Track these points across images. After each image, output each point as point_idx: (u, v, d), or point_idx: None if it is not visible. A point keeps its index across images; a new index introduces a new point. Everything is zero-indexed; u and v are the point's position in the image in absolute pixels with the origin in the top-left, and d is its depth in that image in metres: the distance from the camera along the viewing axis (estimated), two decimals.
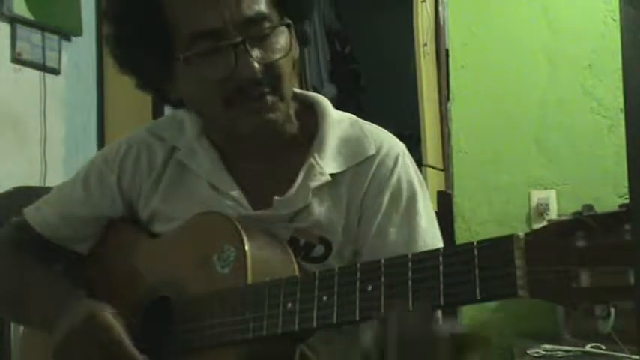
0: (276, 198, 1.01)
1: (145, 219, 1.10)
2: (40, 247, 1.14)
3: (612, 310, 0.64)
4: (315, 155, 1.03)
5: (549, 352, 1.91)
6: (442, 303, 0.72)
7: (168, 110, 1.19)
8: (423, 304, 0.73)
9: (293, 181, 1.02)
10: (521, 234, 0.69)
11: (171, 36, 0.96)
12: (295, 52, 1.03)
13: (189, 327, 0.94)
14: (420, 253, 0.77)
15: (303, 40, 1.07)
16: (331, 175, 1.02)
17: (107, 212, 1.13)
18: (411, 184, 1.05)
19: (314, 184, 1.01)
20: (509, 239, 0.69)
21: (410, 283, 0.74)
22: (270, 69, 0.96)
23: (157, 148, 1.10)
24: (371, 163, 1.04)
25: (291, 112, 1.07)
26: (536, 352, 1.93)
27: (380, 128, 1.11)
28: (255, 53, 0.94)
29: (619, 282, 0.60)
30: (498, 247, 0.69)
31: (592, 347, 1.85)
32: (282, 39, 0.98)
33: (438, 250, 0.75)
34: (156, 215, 1.08)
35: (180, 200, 1.06)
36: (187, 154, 1.07)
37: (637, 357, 1.69)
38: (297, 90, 1.13)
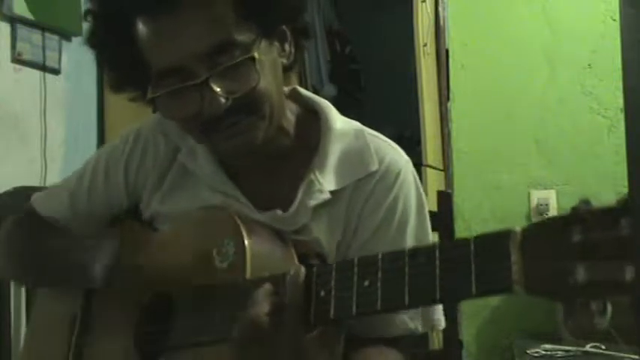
0: (278, 212, 1.00)
1: (146, 217, 1.10)
2: (49, 225, 1.15)
3: (609, 305, 0.64)
4: (316, 171, 1.01)
5: (549, 352, 1.92)
6: (438, 298, 0.72)
7: None
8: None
9: (293, 196, 1.00)
10: (518, 228, 0.68)
11: (145, 73, 0.94)
12: (284, 55, 0.99)
13: (189, 321, 0.94)
14: (417, 247, 0.76)
15: (304, 34, 1.02)
16: (331, 191, 1.01)
17: (115, 209, 1.13)
18: (406, 205, 1.03)
19: (313, 202, 1.00)
20: (505, 234, 0.68)
21: (406, 277, 0.74)
22: (243, 98, 0.90)
23: (163, 145, 1.09)
24: (372, 179, 1.02)
25: (291, 117, 1.05)
26: (536, 352, 1.94)
27: (387, 140, 1.08)
28: (224, 87, 0.89)
29: (616, 277, 0.60)
30: (495, 241, 0.69)
31: (592, 347, 1.85)
32: (252, 69, 0.90)
33: (434, 245, 0.75)
34: (157, 217, 1.09)
35: (181, 202, 1.06)
36: (188, 155, 1.06)
37: (637, 357, 1.69)
38: (302, 91, 1.11)
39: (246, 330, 0.81)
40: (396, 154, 1.06)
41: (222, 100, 0.89)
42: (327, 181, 1.01)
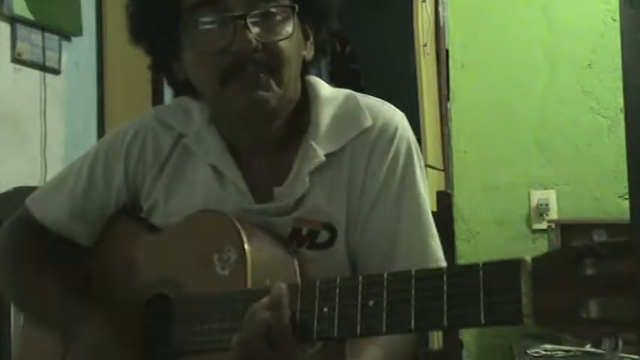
0: (276, 188, 1.00)
1: (145, 209, 1.10)
2: (44, 245, 1.14)
3: (620, 342, 0.62)
4: (310, 140, 1.01)
5: (549, 352, 1.91)
6: (446, 325, 0.71)
7: None
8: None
9: (290, 169, 1.01)
10: (528, 258, 0.66)
11: (178, 6, 0.96)
12: (306, 49, 1.02)
13: (187, 328, 0.94)
14: (424, 270, 0.75)
15: (321, 49, 1.06)
16: (329, 154, 1.01)
17: (114, 204, 1.12)
18: (408, 155, 1.04)
19: (309, 167, 1.00)
20: (515, 263, 0.67)
21: (413, 302, 0.73)
22: (269, 49, 0.94)
23: (163, 136, 1.09)
24: (369, 136, 1.03)
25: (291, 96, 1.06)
26: (536, 352, 1.93)
27: (379, 100, 1.08)
28: (255, 30, 0.93)
29: (629, 314, 0.58)
30: (504, 270, 0.67)
31: (592, 347, 1.85)
32: (287, 23, 0.96)
33: (441, 269, 0.73)
34: (156, 206, 1.08)
35: (181, 191, 1.06)
36: (194, 139, 1.06)
37: (637, 357, 1.69)
38: None
39: (244, 345, 0.81)
40: (390, 111, 1.07)
41: (254, 41, 0.92)
42: (321, 147, 1.01)
